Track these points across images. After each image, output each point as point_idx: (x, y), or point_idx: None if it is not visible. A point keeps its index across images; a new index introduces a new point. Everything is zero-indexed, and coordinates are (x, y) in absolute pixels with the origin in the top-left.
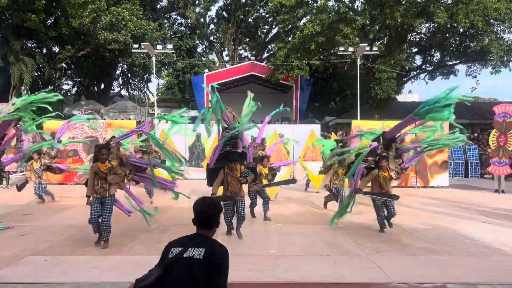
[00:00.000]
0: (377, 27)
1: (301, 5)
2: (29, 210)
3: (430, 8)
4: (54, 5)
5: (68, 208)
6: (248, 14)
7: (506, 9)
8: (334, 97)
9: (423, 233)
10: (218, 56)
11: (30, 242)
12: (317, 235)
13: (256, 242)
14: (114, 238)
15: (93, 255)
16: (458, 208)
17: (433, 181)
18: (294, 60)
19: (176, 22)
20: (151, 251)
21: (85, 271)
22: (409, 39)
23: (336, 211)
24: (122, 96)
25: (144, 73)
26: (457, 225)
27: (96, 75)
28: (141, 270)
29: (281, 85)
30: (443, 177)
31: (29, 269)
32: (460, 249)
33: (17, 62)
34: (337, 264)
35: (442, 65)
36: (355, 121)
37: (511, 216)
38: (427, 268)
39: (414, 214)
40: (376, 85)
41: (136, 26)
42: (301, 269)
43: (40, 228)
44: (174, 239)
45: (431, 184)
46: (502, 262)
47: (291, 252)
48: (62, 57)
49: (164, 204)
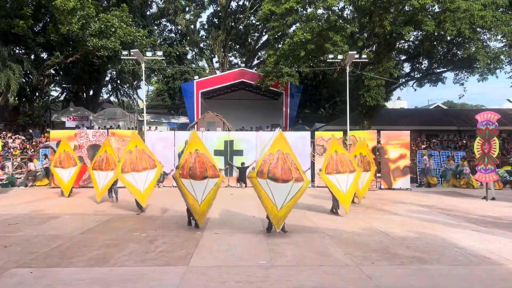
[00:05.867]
0: (366, 35)
1: (291, 13)
2: (14, 220)
3: (418, 16)
4: (43, 11)
5: (55, 218)
6: (239, 21)
7: (492, 17)
8: (324, 104)
9: (412, 242)
10: (208, 62)
11: (14, 253)
12: (307, 244)
13: (245, 252)
14: (100, 248)
15: (79, 267)
16: (447, 216)
17: (395, 184)
18: (283, 67)
19: (166, 28)
20: (139, 262)
21: (71, 284)
22: (398, 47)
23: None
24: (111, 103)
25: (133, 80)
26: (446, 233)
27: (85, 82)
28: (128, 282)
29: (271, 92)
30: (405, 180)
31: (14, 281)
32: (449, 258)
33: (4, 68)
34: (327, 274)
35: (430, 73)
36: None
37: (500, 224)
38: (417, 277)
39: (402, 222)
40: (365, 92)
41: (125, 33)
42: (291, 279)
43: (25, 239)
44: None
45: (394, 187)
46: (491, 271)
47: (281, 262)
48: (50, 63)
49: (152, 213)
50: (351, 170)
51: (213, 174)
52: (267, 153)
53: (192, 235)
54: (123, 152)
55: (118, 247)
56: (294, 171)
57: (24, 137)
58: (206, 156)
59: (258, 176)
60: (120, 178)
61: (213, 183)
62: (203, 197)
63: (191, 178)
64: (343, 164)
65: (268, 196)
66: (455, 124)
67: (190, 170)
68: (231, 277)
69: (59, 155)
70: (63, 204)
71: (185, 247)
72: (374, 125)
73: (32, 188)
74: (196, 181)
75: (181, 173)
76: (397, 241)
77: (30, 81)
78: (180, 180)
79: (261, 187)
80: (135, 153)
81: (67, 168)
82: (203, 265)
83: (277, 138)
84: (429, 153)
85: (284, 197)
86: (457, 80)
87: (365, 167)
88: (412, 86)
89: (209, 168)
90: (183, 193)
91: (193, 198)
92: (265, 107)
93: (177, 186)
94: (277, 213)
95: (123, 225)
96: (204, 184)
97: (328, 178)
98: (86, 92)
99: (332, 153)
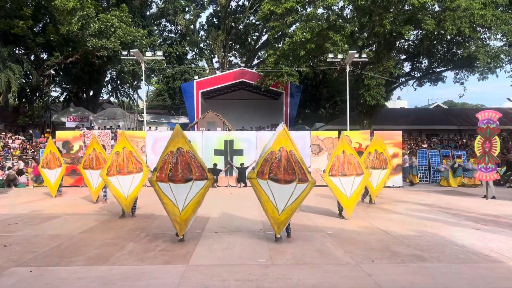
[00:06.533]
0: (366, 35)
1: (291, 13)
2: (14, 220)
3: (418, 15)
4: (42, 12)
5: (54, 218)
6: (238, 21)
7: (491, 16)
8: (324, 103)
9: (412, 240)
10: (208, 62)
11: (14, 252)
12: (307, 243)
13: (244, 251)
14: (100, 247)
15: (79, 266)
16: (447, 215)
17: (388, 182)
18: (283, 66)
19: (166, 29)
20: (139, 261)
21: (71, 283)
22: (398, 46)
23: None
24: (111, 103)
25: (133, 80)
26: (446, 231)
27: (85, 82)
28: (128, 281)
29: (271, 92)
30: (398, 178)
31: (13, 280)
32: (449, 256)
33: (4, 69)
34: (327, 273)
35: (430, 72)
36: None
37: (500, 222)
38: (417, 275)
39: (403, 220)
40: (365, 92)
41: (125, 33)
42: (291, 278)
43: (25, 238)
44: None
45: (387, 184)
46: (491, 269)
47: (281, 261)
48: (50, 63)
49: (152, 213)
50: (358, 173)
51: (199, 175)
52: (269, 152)
53: (191, 234)
54: (110, 154)
55: (118, 246)
56: (298, 171)
57: (24, 138)
58: (192, 155)
59: (258, 176)
60: (105, 180)
61: (198, 186)
62: (185, 203)
63: (171, 181)
64: (350, 166)
65: (268, 199)
66: (455, 124)
67: (170, 172)
68: (230, 275)
69: (46, 156)
70: (63, 204)
71: (184, 246)
72: (374, 124)
73: (33, 189)
74: (177, 185)
75: (158, 176)
76: (397, 239)
77: (30, 81)
78: (157, 184)
79: (261, 188)
80: (122, 155)
81: (53, 169)
82: (203, 263)
83: (280, 134)
84: (421, 151)
85: (287, 199)
86: (457, 79)
87: (381, 164)
88: (412, 85)
89: (195, 168)
90: (160, 199)
91: (172, 205)
92: (265, 107)
93: (155, 191)
94: (278, 217)
95: (123, 225)
96: (187, 188)
97: (331, 181)
98: (86, 93)
99: (339, 154)
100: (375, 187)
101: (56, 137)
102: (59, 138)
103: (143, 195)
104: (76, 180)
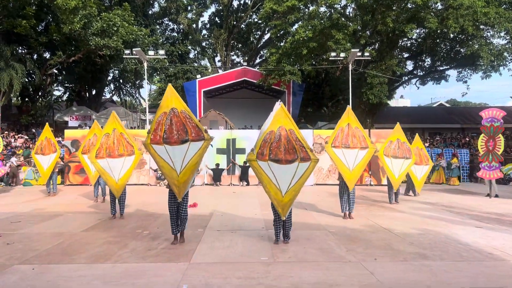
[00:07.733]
0: (368, 33)
1: (293, 11)
2: (17, 218)
3: (420, 13)
4: (45, 11)
5: (57, 216)
6: (241, 20)
7: (495, 14)
8: (326, 102)
9: (415, 238)
10: (211, 61)
11: (17, 250)
12: (309, 241)
13: (246, 248)
14: (102, 245)
15: (81, 264)
16: (450, 213)
17: (384, 180)
18: (286, 65)
19: (168, 28)
20: (141, 259)
21: (73, 280)
22: (400, 45)
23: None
24: (113, 102)
25: (135, 79)
26: (449, 230)
27: (88, 81)
28: (130, 279)
29: (274, 91)
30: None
31: (16, 278)
32: (452, 254)
33: (7, 68)
34: (329, 271)
35: (433, 70)
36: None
37: (503, 220)
38: (420, 273)
39: (405, 219)
40: (368, 90)
41: (127, 32)
42: (293, 276)
43: (27, 236)
44: None
45: (383, 183)
46: (495, 267)
47: (283, 258)
48: (53, 63)
49: (154, 211)
50: (362, 147)
51: (195, 136)
52: (267, 132)
53: (193, 232)
54: (99, 135)
55: (120, 244)
56: (300, 150)
57: (27, 137)
58: (186, 115)
59: (258, 158)
60: (93, 163)
61: (195, 147)
62: (183, 165)
63: (166, 143)
64: (354, 139)
65: (270, 181)
66: (458, 122)
67: (165, 133)
68: (232, 273)
69: (41, 142)
70: (65, 202)
71: (187, 244)
72: (377, 123)
73: (34, 187)
74: (173, 146)
75: (152, 138)
76: (400, 237)
77: (33, 80)
78: (152, 147)
79: (262, 170)
80: (112, 137)
81: (47, 155)
82: (205, 261)
83: (277, 112)
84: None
85: (289, 180)
86: (460, 78)
87: (404, 154)
88: (415, 84)
89: (191, 129)
90: (156, 162)
91: (169, 168)
92: (268, 106)
93: (150, 155)
94: (281, 199)
95: (125, 223)
96: (184, 149)
97: (334, 152)
98: (88, 92)
99: (343, 126)
100: (419, 179)
101: (64, 136)
102: (67, 137)
103: (145, 193)
104: (85, 178)
